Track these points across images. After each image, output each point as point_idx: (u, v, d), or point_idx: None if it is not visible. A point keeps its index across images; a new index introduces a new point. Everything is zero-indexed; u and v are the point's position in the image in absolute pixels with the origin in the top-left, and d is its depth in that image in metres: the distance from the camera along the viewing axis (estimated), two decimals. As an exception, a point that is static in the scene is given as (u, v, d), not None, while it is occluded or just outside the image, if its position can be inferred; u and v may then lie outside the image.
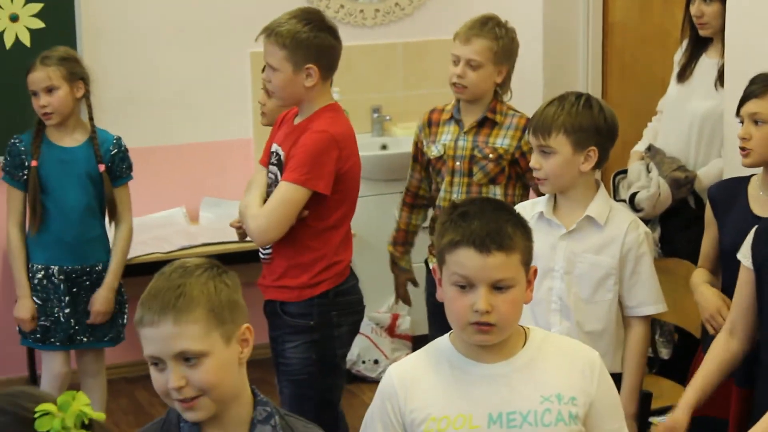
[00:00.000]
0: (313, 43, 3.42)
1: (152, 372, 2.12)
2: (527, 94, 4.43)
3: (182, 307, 2.10)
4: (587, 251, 3.32)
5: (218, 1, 5.23)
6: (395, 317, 5.38)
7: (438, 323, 3.33)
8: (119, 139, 4.18)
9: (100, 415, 1.88)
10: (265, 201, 3.63)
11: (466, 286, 2.34)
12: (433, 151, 4.05)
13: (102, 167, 4.10)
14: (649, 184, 4.28)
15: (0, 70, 4.80)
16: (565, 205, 3.34)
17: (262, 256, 3.53)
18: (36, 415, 1.81)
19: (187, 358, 2.11)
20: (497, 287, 2.33)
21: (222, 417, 2.21)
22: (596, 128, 3.27)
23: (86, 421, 1.84)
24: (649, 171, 4.35)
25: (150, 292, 2.13)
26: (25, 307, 4.08)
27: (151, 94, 5.13)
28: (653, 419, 3.62)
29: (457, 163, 4.00)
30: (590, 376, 2.43)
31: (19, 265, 4.19)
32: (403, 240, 4.29)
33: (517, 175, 3.99)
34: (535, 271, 2.46)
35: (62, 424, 1.82)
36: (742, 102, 3.36)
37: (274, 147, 3.58)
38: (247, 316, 2.19)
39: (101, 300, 4.09)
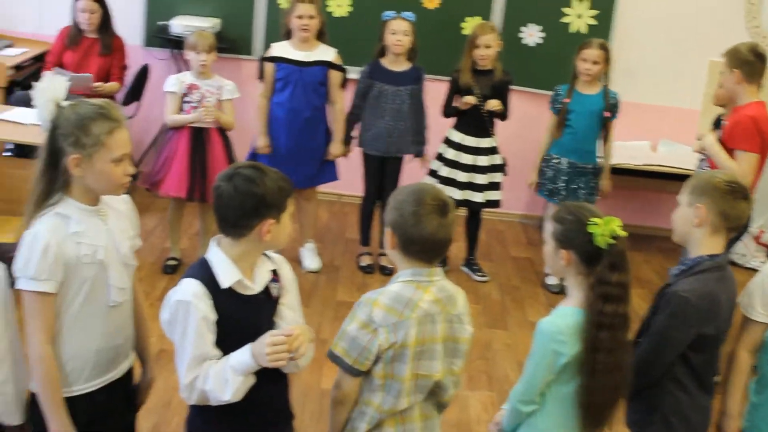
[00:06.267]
0: (745, 60, 4.22)
1: None
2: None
3: None
4: None
5: (695, 22, 6.13)
6: (761, 231, 6.09)
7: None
8: (616, 94, 5.14)
9: (624, 233, 2.21)
10: None
11: None
12: None
13: (607, 113, 5.10)
14: None
15: (569, 46, 5.47)
16: None
17: None
18: (590, 221, 2.25)
19: None
20: None
21: None
22: None
23: (615, 235, 2.23)
24: None
25: None
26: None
27: (646, 74, 6.14)
28: None
29: None
30: None
31: None
32: None
33: None
34: None
35: (602, 231, 2.20)
36: None
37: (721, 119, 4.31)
38: None
39: None
